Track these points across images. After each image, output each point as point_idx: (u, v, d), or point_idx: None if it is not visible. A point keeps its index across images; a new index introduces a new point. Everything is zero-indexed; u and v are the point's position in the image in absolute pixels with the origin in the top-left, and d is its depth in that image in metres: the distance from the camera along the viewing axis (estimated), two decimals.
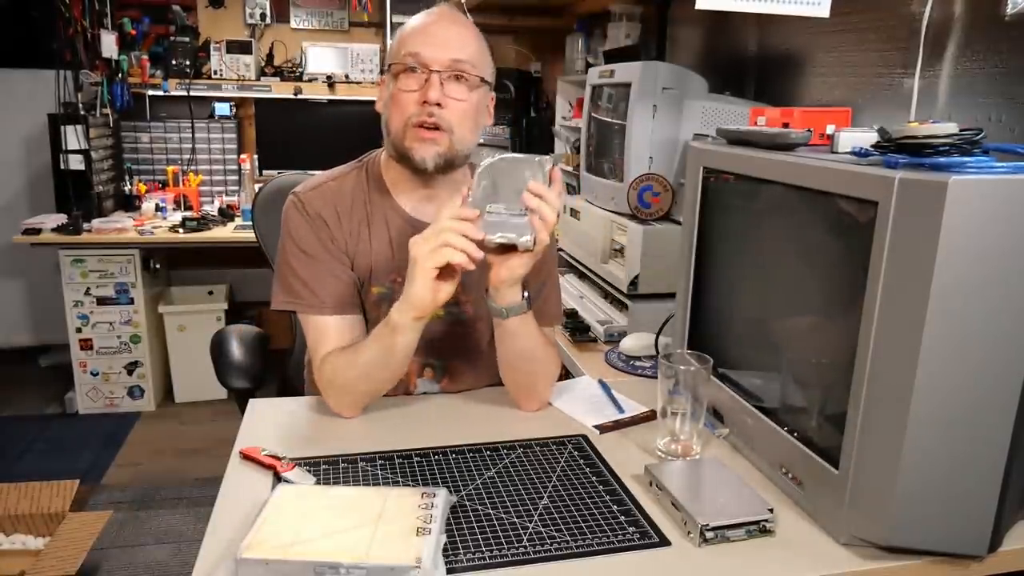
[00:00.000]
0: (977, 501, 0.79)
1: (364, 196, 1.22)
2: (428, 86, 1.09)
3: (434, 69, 1.10)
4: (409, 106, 1.11)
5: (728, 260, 1.14)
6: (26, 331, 3.74)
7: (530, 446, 1.07)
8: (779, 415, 0.99)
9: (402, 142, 1.13)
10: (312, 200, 1.19)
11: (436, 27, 1.13)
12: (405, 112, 1.11)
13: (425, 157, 1.12)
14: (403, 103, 1.11)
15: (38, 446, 2.89)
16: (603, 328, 1.64)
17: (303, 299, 1.16)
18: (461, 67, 1.11)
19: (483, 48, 1.17)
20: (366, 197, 1.21)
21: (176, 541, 2.29)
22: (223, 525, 0.86)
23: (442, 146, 1.12)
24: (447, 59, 1.10)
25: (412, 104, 1.11)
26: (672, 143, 1.68)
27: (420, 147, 1.12)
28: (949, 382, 0.75)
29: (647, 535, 0.86)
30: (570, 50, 2.91)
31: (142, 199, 3.35)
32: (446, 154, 1.13)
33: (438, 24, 1.14)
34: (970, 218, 0.72)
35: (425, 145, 1.12)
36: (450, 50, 1.11)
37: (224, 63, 3.42)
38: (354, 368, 1.10)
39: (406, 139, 1.12)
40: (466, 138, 1.15)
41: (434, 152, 1.12)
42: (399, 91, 1.12)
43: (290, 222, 1.19)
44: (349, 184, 1.23)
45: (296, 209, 1.19)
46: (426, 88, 1.10)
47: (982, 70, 1.21)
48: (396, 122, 1.13)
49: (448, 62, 1.10)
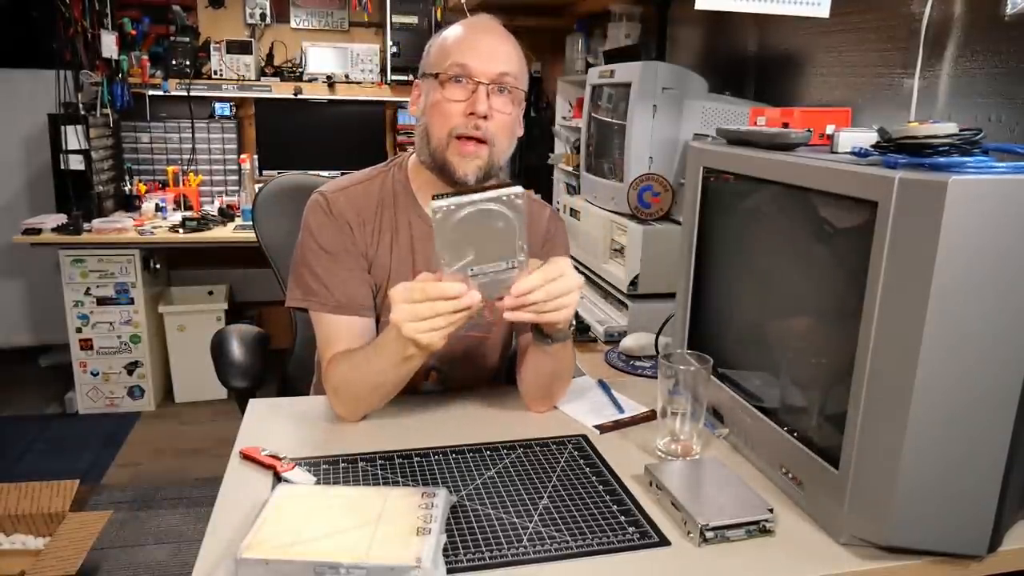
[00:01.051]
0: (977, 501, 0.79)
1: (389, 202, 1.22)
2: (476, 98, 1.10)
3: (482, 81, 1.10)
4: (454, 116, 1.11)
5: (728, 260, 1.14)
6: (26, 331, 3.74)
7: (530, 446, 1.07)
8: (779, 415, 0.99)
9: (444, 153, 1.13)
10: (338, 201, 1.19)
11: (483, 39, 1.14)
12: (450, 122, 1.12)
13: (467, 172, 1.13)
14: (448, 113, 1.12)
15: (38, 446, 2.89)
16: (603, 328, 1.64)
17: (318, 296, 1.16)
18: (506, 80, 1.12)
19: (523, 61, 1.18)
20: (391, 203, 1.22)
21: (176, 541, 2.29)
22: (223, 525, 0.86)
23: (483, 159, 1.13)
24: (495, 72, 1.11)
25: (457, 115, 1.11)
26: (672, 143, 1.68)
27: (462, 162, 1.12)
28: (949, 382, 0.75)
29: (647, 535, 0.86)
30: (570, 50, 2.92)
31: (142, 199, 3.35)
32: (486, 167, 1.14)
33: (485, 36, 1.14)
34: (970, 218, 0.72)
35: (467, 160, 1.12)
36: (497, 63, 1.11)
37: (224, 63, 3.42)
38: (360, 382, 1.09)
39: (448, 151, 1.13)
40: (504, 150, 1.16)
41: (475, 167, 1.13)
42: (445, 100, 1.12)
43: (313, 220, 1.19)
44: (375, 189, 1.23)
45: (320, 207, 1.19)
46: (474, 99, 1.10)
47: (982, 70, 1.21)
48: (439, 131, 1.13)
49: (495, 75, 1.11)
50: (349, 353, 1.12)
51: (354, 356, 1.11)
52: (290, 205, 1.24)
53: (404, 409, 1.17)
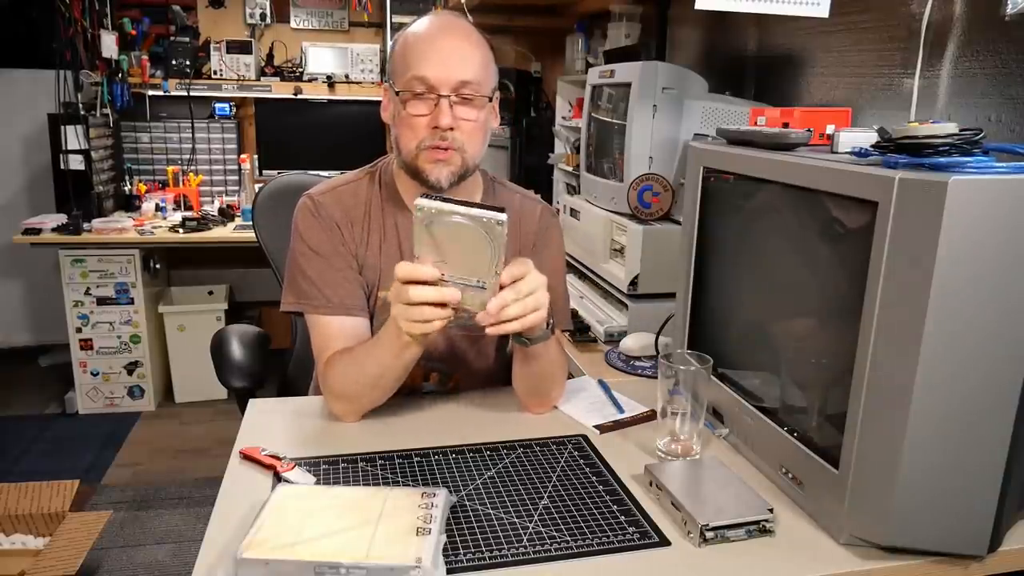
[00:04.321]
0: (977, 501, 0.79)
1: (377, 203, 1.22)
2: (438, 112, 1.10)
3: (442, 94, 1.10)
4: (420, 130, 1.12)
5: (728, 260, 1.14)
6: (26, 331, 3.74)
7: (530, 446, 1.07)
8: (779, 415, 0.99)
9: (415, 162, 1.14)
10: (325, 203, 1.20)
11: (440, 45, 1.12)
12: (417, 136, 1.12)
13: (440, 178, 1.13)
14: (414, 127, 1.12)
15: (38, 446, 2.89)
16: (603, 328, 1.64)
17: (311, 299, 1.17)
18: (468, 90, 1.11)
19: (487, 58, 1.16)
20: (378, 204, 1.22)
21: (176, 541, 2.29)
22: (223, 525, 0.86)
23: (454, 165, 1.13)
24: (454, 81, 1.10)
25: (423, 128, 1.11)
26: (672, 143, 1.68)
27: (434, 168, 1.13)
28: (949, 382, 0.75)
29: (647, 535, 0.86)
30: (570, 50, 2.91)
31: (142, 199, 3.35)
32: (459, 171, 1.14)
33: (444, 41, 1.12)
34: (970, 218, 0.72)
35: (438, 166, 1.12)
36: (456, 70, 1.10)
37: (224, 63, 3.43)
38: (358, 378, 1.09)
39: (419, 160, 1.13)
40: (477, 152, 1.16)
41: (448, 172, 1.13)
42: (409, 115, 1.12)
43: (302, 223, 1.20)
44: (362, 190, 1.23)
45: (308, 210, 1.20)
46: (436, 113, 1.10)
47: (982, 70, 1.21)
48: (407, 144, 1.13)
49: (455, 83, 1.10)
50: (347, 350, 1.12)
51: (353, 352, 1.11)
52: (290, 205, 1.24)
53: (404, 409, 1.17)
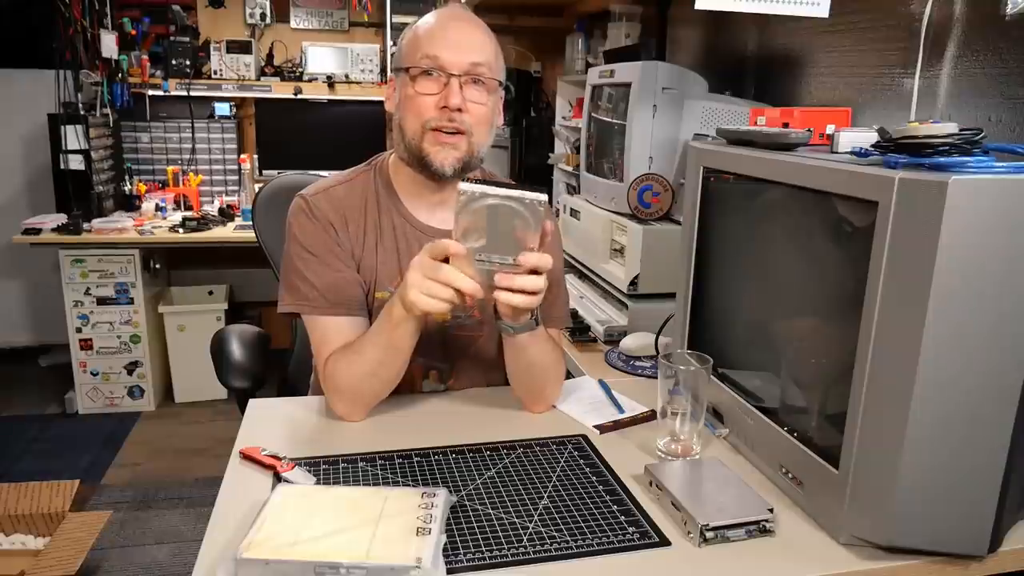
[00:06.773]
0: (977, 501, 0.79)
1: (373, 201, 1.20)
2: (448, 91, 1.08)
3: (453, 73, 1.08)
4: (428, 110, 1.10)
5: (728, 260, 1.14)
6: (26, 331, 3.74)
7: (530, 446, 1.07)
8: (779, 415, 0.99)
9: (420, 146, 1.11)
10: (320, 203, 1.18)
11: (453, 29, 1.11)
12: (423, 116, 1.10)
13: (444, 163, 1.11)
14: (421, 106, 1.10)
15: (38, 446, 2.89)
16: (603, 328, 1.64)
17: (308, 300, 1.15)
18: (480, 70, 1.10)
19: (498, 49, 1.16)
20: (375, 202, 1.20)
21: (176, 541, 2.30)
22: (223, 525, 0.86)
23: (461, 151, 1.11)
24: (466, 62, 1.09)
25: (431, 108, 1.09)
26: (672, 143, 1.68)
27: (439, 152, 1.11)
28: (949, 382, 0.75)
29: (647, 535, 0.86)
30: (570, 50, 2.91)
31: (142, 199, 3.35)
32: (464, 158, 1.12)
33: (455, 26, 1.12)
34: (970, 218, 0.71)
35: (444, 150, 1.10)
36: (469, 53, 1.09)
37: (224, 63, 3.43)
38: (359, 367, 1.08)
39: (424, 143, 1.11)
40: (483, 141, 1.14)
41: (453, 158, 1.11)
42: (417, 94, 1.10)
43: (296, 224, 1.18)
44: (358, 188, 1.21)
45: (303, 211, 1.18)
46: (446, 92, 1.08)
47: (982, 70, 1.21)
48: (412, 125, 1.11)
49: (467, 65, 1.09)
50: (346, 344, 1.11)
51: (351, 345, 1.10)
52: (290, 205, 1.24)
53: (404, 409, 1.17)
